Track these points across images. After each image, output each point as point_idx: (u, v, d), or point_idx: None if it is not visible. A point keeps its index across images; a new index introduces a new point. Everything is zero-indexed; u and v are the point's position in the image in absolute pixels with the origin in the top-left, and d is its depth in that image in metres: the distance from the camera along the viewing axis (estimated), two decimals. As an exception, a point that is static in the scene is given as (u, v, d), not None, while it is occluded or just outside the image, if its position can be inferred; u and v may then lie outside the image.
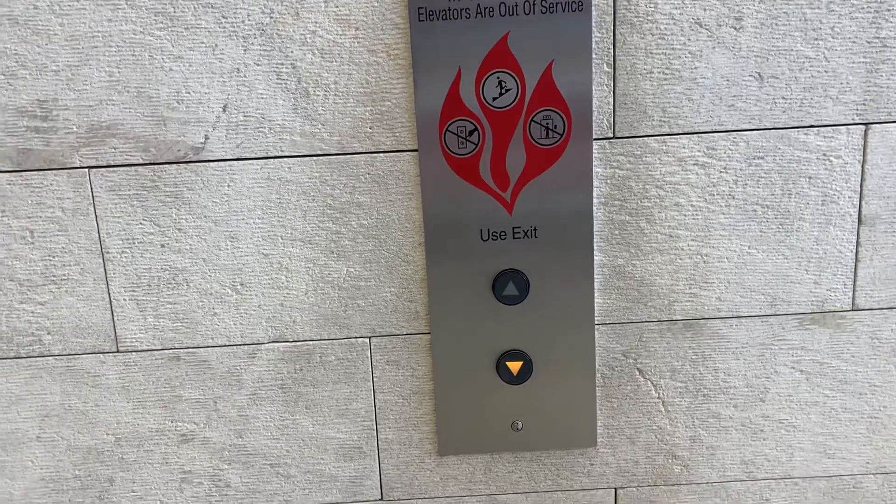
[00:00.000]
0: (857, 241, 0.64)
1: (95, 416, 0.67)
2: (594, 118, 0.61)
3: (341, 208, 0.63)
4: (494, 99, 0.60)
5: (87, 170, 0.61)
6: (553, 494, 0.69)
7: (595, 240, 0.63)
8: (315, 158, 0.61)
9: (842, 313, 0.65)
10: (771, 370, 0.66)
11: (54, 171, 0.61)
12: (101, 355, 0.65)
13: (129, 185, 0.62)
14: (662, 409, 0.68)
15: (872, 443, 0.68)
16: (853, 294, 0.65)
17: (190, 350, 0.65)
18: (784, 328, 0.65)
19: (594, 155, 0.61)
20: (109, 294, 0.64)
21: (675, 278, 0.64)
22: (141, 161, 0.61)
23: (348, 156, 0.61)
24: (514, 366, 0.66)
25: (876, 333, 0.66)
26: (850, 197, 0.63)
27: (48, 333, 0.65)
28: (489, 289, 0.64)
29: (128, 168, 0.61)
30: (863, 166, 0.62)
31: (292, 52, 0.59)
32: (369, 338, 0.66)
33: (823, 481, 0.69)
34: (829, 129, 0.61)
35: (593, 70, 0.59)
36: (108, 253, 0.63)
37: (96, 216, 0.62)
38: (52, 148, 0.61)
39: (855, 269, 0.64)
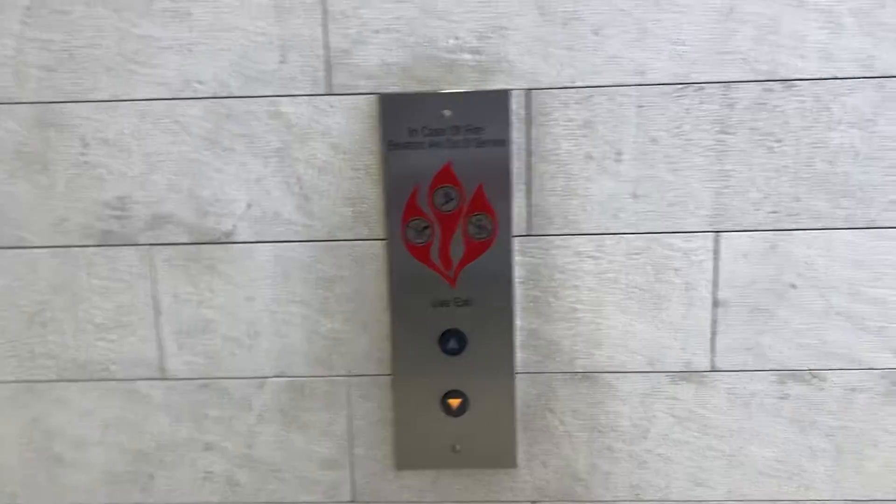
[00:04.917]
0: (714, 319, 0.84)
1: (143, 427, 0.90)
2: (514, 221, 0.83)
3: (330, 279, 0.85)
4: (442, 205, 0.82)
5: (149, 246, 0.85)
6: (485, 505, 0.90)
7: (516, 309, 0.85)
8: (312, 243, 0.84)
9: (704, 373, 0.85)
10: (651, 414, 0.87)
11: (126, 247, 0.85)
12: (150, 381, 0.88)
13: (178, 258, 0.85)
14: (568, 441, 0.88)
15: (732, 476, 0.88)
16: (712, 358, 0.85)
17: (215, 380, 0.88)
18: (660, 382, 0.86)
19: (514, 248, 0.83)
20: (159, 337, 0.87)
21: (575, 341, 0.85)
22: (187, 241, 0.85)
23: (336, 242, 0.84)
24: (454, 402, 0.86)
25: (731, 390, 0.86)
26: (706, 285, 0.83)
27: (114, 364, 0.88)
28: (437, 343, 0.85)
29: (177, 246, 0.85)
30: (715, 263, 0.83)
31: (298, 168, 0.83)
32: (347, 377, 0.88)
33: (697, 505, 0.89)
34: (688, 234, 0.82)
35: (513, 187, 0.82)
36: (159, 306, 0.87)
37: (153, 280, 0.86)
38: (126, 230, 0.85)
39: (712, 339, 0.85)
